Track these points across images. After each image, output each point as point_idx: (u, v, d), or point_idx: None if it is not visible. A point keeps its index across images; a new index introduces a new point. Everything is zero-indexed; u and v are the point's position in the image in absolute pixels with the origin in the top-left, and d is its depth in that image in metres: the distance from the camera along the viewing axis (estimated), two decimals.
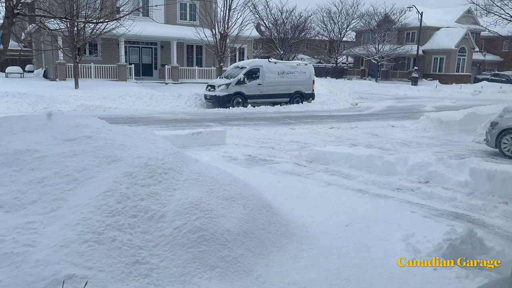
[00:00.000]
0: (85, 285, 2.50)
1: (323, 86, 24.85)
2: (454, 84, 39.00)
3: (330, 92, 24.35)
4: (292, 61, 26.16)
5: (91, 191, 3.21)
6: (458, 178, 6.87)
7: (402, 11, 41.76)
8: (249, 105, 19.14)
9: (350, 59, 53.01)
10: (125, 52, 24.71)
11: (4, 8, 7.59)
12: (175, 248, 3.07)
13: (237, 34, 22.56)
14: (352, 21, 47.31)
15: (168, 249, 3.04)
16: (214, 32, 22.22)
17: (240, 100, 19.11)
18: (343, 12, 46.76)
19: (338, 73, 46.87)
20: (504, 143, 9.66)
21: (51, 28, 12.63)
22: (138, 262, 2.87)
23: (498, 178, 6.32)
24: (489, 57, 48.83)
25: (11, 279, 2.50)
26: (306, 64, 21.68)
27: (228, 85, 18.83)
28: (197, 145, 9.74)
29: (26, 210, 2.98)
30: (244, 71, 19.18)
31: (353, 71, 49.62)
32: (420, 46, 39.02)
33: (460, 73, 42.60)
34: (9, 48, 7.95)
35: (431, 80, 41.27)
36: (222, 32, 22.32)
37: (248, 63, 20.30)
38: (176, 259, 3.01)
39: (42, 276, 2.54)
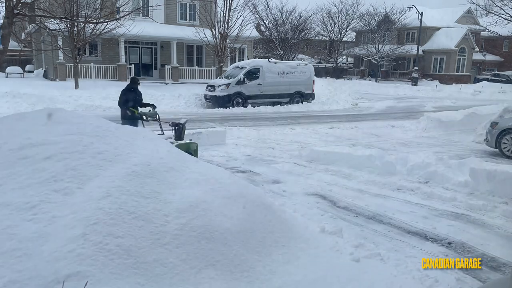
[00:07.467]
0: (86, 285, 2.50)
1: (323, 86, 24.86)
2: (454, 84, 38.97)
3: (330, 92, 24.37)
4: (292, 61, 26.18)
5: (94, 189, 3.22)
6: (458, 178, 6.88)
7: (402, 11, 41.76)
8: (249, 105, 19.13)
9: (350, 59, 52.99)
10: (125, 52, 24.70)
11: (4, 8, 7.61)
12: (175, 246, 3.09)
13: (237, 34, 22.56)
14: (352, 21, 47.33)
15: (168, 247, 3.06)
16: (214, 32, 22.21)
17: (240, 100, 19.10)
18: (343, 12, 46.79)
19: (338, 73, 46.82)
20: (504, 143, 9.67)
21: (51, 28, 12.67)
22: (140, 260, 2.88)
23: (498, 178, 6.33)
24: (489, 57, 48.80)
25: (17, 274, 2.52)
26: (306, 64, 21.69)
27: (228, 85, 18.83)
28: None
29: (30, 210, 2.98)
30: (244, 71, 19.19)
31: (353, 71, 49.57)
32: (420, 46, 39.02)
33: (460, 73, 42.59)
34: (9, 48, 7.96)
35: (431, 80, 41.24)
36: (222, 32, 22.32)
37: (248, 63, 20.30)
38: (176, 257, 3.02)
39: (44, 273, 2.55)
